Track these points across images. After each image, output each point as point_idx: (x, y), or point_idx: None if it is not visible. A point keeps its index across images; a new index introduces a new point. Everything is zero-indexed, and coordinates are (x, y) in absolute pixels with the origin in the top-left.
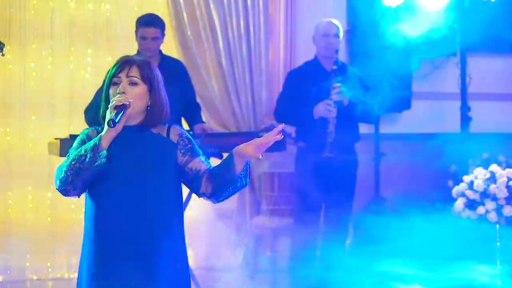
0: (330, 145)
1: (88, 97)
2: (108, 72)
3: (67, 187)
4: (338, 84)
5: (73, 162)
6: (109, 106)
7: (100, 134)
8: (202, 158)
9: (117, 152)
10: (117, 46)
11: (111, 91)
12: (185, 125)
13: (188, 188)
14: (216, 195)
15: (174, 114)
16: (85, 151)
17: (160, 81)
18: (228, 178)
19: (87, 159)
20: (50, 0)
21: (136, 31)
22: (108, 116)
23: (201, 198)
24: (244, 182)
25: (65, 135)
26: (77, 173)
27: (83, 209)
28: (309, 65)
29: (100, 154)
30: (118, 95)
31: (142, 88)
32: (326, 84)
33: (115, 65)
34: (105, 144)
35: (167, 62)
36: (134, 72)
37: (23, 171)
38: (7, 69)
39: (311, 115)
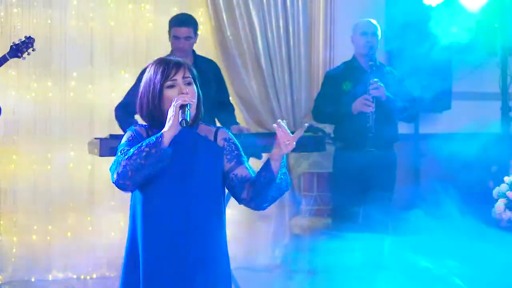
0: (371, 139)
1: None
2: (155, 73)
3: (126, 181)
4: (376, 79)
5: (134, 157)
6: (173, 104)
7: (161, 132)
8: (247, 165)
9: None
10: (158, 52)
11: (169, 93)
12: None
13: (230, 193)
14: (258, 199)
15: (207, 115)
16: (147, 146)
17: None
18: (268, 177)
19: (150, 155)
20: None
21: (169, 31)
22: (172, 116)
23: (241, 204)
24: (285, 183)
25: (104, 134)
26: (137, 169)
27: (123, 208)
28: (347, 65)
29: (164, 153)
30: (182, 95)
31: (194, 87)
32: (365, 83)
33: (165, 68)
34: (167, 142)
35: (200, 62)
36: (187, 72)
37: (64, 177)
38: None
39: (349, 111)
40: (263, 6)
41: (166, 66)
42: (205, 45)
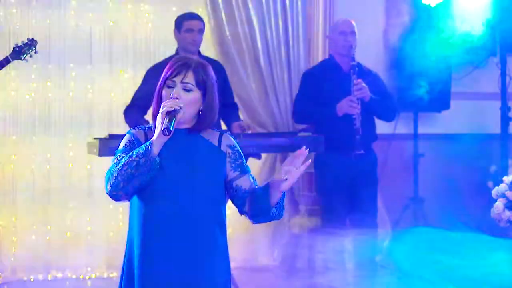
0: (359, 142)
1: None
2: (164, 71)
3: (119, 192)
4: (360, 80)
5: (124, 168)
6: (160, 111)
7: (151, 140)
8: (250, 176)
9: (167, 155)
10: (157, 52)
11: (164, 93)
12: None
13: (232, 203)
14: (253, 218)
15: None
16: (137, 156)
17: (214, 84)
18: (263, 207)
19: (140, 165)
20: None
21: (180, 26)
22: (159, 123)
23: (242, 215)
24: (277, 214)
25: (104, 135)
26: (128, 179)
27: (121, 209)
28: (326, 64)
29: (153, 162)
30: (170, 100)
31: (195, 94)
32: (344, 83)
33: (171, 67)
34: (156, 150)
35: None
36: (189, 78)
37: (63, 177)
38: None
39: (334, 113)
40: (262, 5)
41: (172, 64)
42: (204, 44)
